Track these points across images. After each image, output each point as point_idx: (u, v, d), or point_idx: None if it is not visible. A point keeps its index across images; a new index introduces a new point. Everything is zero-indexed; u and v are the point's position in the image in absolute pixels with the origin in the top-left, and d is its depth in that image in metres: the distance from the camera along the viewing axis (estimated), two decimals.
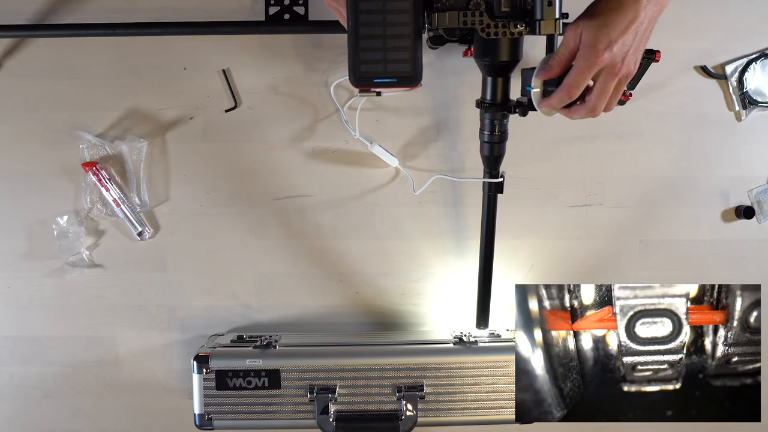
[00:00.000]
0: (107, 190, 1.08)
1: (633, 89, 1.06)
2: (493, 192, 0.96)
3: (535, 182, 1.11)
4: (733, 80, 1.09)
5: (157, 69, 1.08)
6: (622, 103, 1.08)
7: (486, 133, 0.89)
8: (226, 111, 1.09)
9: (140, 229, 1.10)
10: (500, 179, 0.94)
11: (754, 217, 1.11)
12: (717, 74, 1.09)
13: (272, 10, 1.05)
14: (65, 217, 1.10)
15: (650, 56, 0.98)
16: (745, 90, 1.08)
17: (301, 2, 1.05)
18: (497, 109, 0.85)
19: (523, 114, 0.82)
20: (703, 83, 1.10)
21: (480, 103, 0.87)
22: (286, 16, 1.05)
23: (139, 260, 1.12)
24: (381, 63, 0.73)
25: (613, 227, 1.12)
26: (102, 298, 1.13)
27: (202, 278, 1.13)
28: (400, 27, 0.72)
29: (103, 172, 1.08)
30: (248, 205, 1.11)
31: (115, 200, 1.08)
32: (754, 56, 1.08)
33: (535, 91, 0.72)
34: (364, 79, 0.74)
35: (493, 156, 0.91)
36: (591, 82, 0.69)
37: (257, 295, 1.13)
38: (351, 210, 1.11)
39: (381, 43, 0.72)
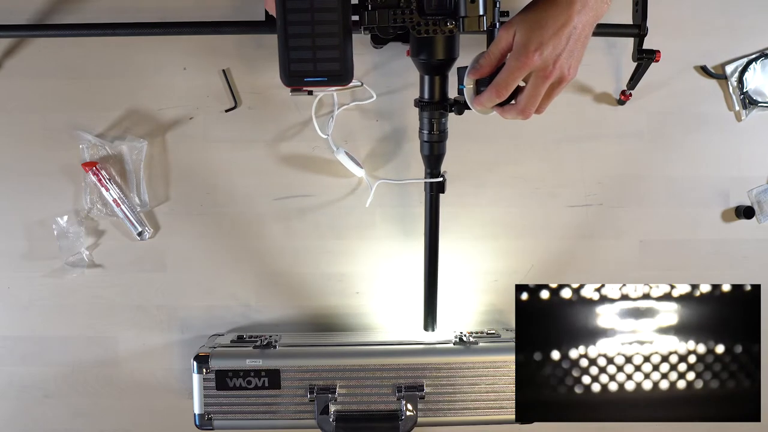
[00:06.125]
0: (107, 190, 1.08)
1: (633, 89, 1.06)
2: (435, 192, 0.95)
3: (535, 182, 1.11)
4: (733, 80, 1.09)
5: (157, 69, 1.08)
6: (622, 103, 1.08)
7: (425, 132, 0.88)
8: (226, 111, 1.09)
9: (140, 229, 1.10)
10: (441, 179, 0.94)
11: (754, 217, 1.11)
12: (717, 74, 1.09)
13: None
14: (65, 217, 1.10)
15: (650, 56, 0.98)
16: (745, 90, 1.08)
17: None
18: (435, 108, 0.85)
19: (459, 112, 0.81)
20: (703, 83, 1.10)
21: (418, 102, 0.87)
22: None
23: (139, 260, 1.12)
24: (311, 62, 0.72)
25: (613, 227, 1.12)
26: (102, 298, 1.13)
27: (202, 278, 1.13)
28: (328, 26, 0.71)
29: (103, 172, 1.08)
30: (248, 205, 1.11)
31: (115, 200, 1.08)
32: (754, 56, 1.08)
33: (468, 88, 0.71)
34: (294, 78, 0.73)
35: (433, 155, 0.91)
36: (523, 83, 0.67)
37: (257, 295, 1.13)
38: (351, 210, 1.11)
39: (310, 41, 0.72)
